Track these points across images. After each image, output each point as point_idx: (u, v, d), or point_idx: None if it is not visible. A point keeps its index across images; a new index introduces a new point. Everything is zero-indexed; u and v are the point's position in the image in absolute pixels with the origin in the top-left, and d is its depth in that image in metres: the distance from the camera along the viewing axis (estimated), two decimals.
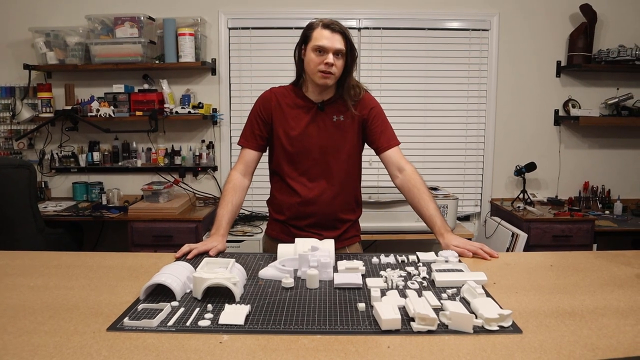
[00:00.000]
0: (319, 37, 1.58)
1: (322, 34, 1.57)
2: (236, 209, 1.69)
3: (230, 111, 3.37)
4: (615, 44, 3.20)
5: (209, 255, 1.50)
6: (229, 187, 1.70)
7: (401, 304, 1.12)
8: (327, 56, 1.57)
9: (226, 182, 1.73)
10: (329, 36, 1.57)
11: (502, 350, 0.94)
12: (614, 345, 0.96)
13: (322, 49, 1.57)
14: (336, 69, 1.59)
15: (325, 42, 1.56)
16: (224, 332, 1.02)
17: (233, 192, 1.68)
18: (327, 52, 1.57)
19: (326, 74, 1.59)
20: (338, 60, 1.59)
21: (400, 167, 1.69)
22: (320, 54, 1.58)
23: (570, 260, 1.51)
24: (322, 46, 1.57)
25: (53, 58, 3.14)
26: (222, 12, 3.27)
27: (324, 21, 1.60)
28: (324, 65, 1.57)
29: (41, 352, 0.93)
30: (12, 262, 1.48)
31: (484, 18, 3.29)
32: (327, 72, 1.58)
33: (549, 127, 3.41)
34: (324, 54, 1.58)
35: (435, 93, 3.35)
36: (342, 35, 1.58)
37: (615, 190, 3.36)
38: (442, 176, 3.41)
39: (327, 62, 1.57)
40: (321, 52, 1.58)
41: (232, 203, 1.67)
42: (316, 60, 1.58)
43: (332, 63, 1.57)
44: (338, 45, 1.57)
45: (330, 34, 1.57)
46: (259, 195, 3.17)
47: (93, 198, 3.28)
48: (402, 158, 1.71)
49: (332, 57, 1.57)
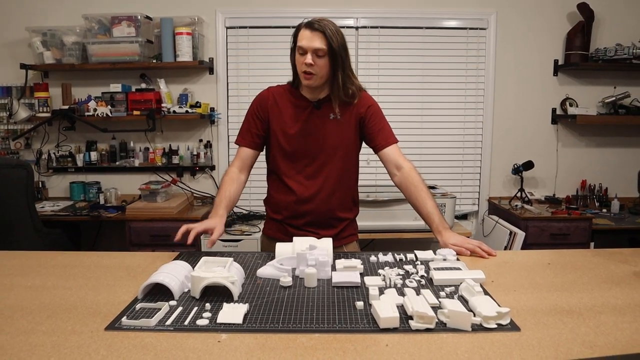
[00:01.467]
0: (301, 37, 1.58)
1: (303, 34, 1.57)
2: (234, 198, 1.67)
3: (227, 110, 3.36)
4: (613, 42, 3.21)
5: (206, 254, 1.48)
6: (226, 179, 1.69)
7: (399, 303, 1.12)
8: (307, 56, 1.56)
9: (223, 175, 1.72)
10: (309, 36, 1.56)
11: (500, 348, 0.95)
12: (611, 342, 0.97)
13: (302, 50, 1.57)
14: (318, 69, 1.57)
15: (304, 42, 1.56)
16: (222, 331, 1.02)
17: (230, 183, 1.67)
18: (307, 52, 1.56)
19: (307, 74, 1.58)
20: (319, 59, 1.57)
21: (398, 165, 1.68)
22: (301, 54, 1.58)
23: (568, 258, 1.52)
24: (301, 46, 1.57)
25: (50, 57, 3.13)
26: (220, 12, 3.27)
27: (308, 21, 1.58)
28: (304, 65, 1.57)
29: (39, 352, 0.93)
30: (9, 262, 1.48)
31: (482, 17, 3.29)
32: (307, 72, 1.57)
33: (546, 125, 3.42)
34: (304, 55, 1.57)
35: (433, 92, 3.35)
36: (322, 33, 1.55)
37: (612, 189, 3.37)
38: (440, 175, 3.42)
39: (306, 62, 1.56)
40: (302, 52, 1.57)
41: (229, 191, 1.65)
42: (299, 60, 1.59)
43: (311, 63, 1.56)
44: (316, 45, 1.55)
45: (310, 33, 1.56)
46: (257, 195, 3.17)
47: (90, 198, 3.27)
48: (400, 156, 1.70)
49: (310, 56, 1.55)
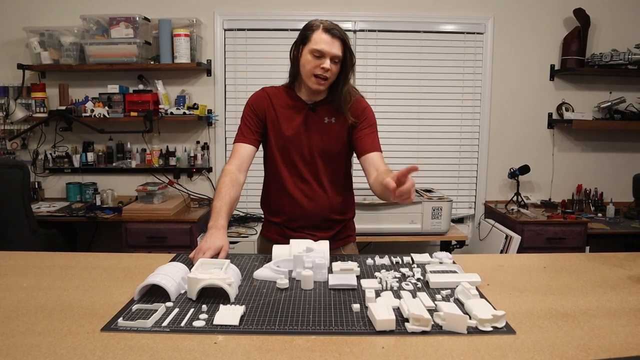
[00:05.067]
0: (318, 40, 1.55)
1: (321, 37, 1.55)
2: (233, 202, 1.58)
3: (225, 112, 3.36)
4: (608, 48, 3.23)
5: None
6: (225, 180, 1.58)
7: (395, 305, 1.12)
8: (325, 61, 1.55)
9: (221, 176, 1.61)
10: (329, 41, 1.54)
11: (496, 350, 0.95)
12: (606, 345, 0.97)
13: (320, 53, 1.55)
14: (331, 74, 1.58)
15: (324, 46, 1.54)
16: (218, 333, 1.02)
17: (230, 186, 1.57)
18: (325, 57, 1.55)
19: (320, 79, 1.58)
20: (334, 66, 1.58)
21: (377, 167, 1.60)
22: (317, 58, 1.56)
23: (563, 262, 1.52)
24: (320, 50, 1.54)
25: (47, 58, 3.13)
26: (218, 13, 3.27)
27: (325, 24, 1.57)
28: (320, 69, 1.56)
29: (34, 353, 0.92)
30: (5, 263, 1.47)
31: (479, 22, 3.31)
32: (321, 76, 1.57)
33: (542, 130, 3.43)
34: (321, 59, 1.55)
35: (430, 95, 3.37)
36: (342, 41, 1.56)
37: (607, 193, 3.39)
38: (437, 178, 3.42)
39: (324, 66, 1.55)
40: (318, 56, 1.56)
41: (229, 195, 1.55)
42: (312, 63, 1.57)
43: (328, 68, 1.56)
44: (336, 52, 1.55)
45: (330, 38, 1.55)
46: (254, 197, 3.17)
47: (87, 199, 3.26)
48: (382, 163, 1.62)
49: (329, 62, 1.55)
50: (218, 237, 1.44)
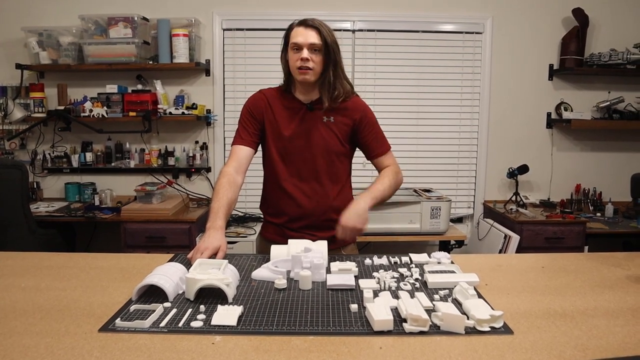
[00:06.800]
0: (294, 35, 1.61)
1: (297, 31, 1.60)
2: (231, 204, 1.60)
3: (224, 112, 3.36)
4: (607, 47, 3.23)
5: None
6: (223, 182, 1.60)
7: (393, 305, 1.12)
8: (302, 52, 1.59)
9: (219, 177, 1.63)
10: (303, 32, 1.59)
11: (494, 351, 0.95)
12: (603, 345, 0.97)
13: (298, 46, 1.59)
14: (314, 64, 1.60)
15: (299, 38, 1.59)
16: (216, 333, 1.02)
17: (228, 187, 1.60)
18: (302, 48, 1.59)
19: (303, 70, 1.60)
20: (315, 55, 1.60)
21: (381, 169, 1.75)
22: (296, 51, 1.60)
23: (562, 262, 1.53)
24: (296, 42, 1.59)
25: (46, 58, 3.13)
26: (217, 13, 3.27)
27: (300, 20, 1.62)
28: (300, 61, 1.59)
29: (32, 353, 0.92)
30: (3, 263, 1.47)
31: (478, 21, 3.31)
32: (303, 67, 1.59)
33: (541, 129, 3.43)
34: (299, 50, 1.59)
35: (429, 95, 3.37)
36: (317, 30, 1.59)
37: (606, 193, 3.39)
38: (436, 178, 3.43)
39: (302, 57, 1.58)
40: (297, 49, 1.60)
41: (227, 197, 1.56)
42: (294, 57, 1.61)
43: (307, 58, 1.58)
44: (312, 40, 1.58)
45: (304, 29, 1.59)
46: (253, 197, 3.17)
47: (85, 199, 3.26)
48: (392, 162, 1.76)
49: (306, 52, 1.58)
50: (216, 237, 1.46)
